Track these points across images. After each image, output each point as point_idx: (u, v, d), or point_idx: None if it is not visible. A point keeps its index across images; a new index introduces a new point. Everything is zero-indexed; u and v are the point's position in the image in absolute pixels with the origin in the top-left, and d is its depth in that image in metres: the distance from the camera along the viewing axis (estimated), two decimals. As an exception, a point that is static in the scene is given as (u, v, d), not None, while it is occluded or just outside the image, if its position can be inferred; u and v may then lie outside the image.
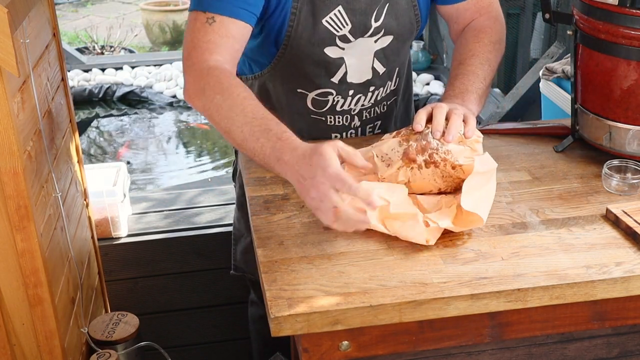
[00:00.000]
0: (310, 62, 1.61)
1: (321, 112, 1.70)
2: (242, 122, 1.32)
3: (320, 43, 1.58)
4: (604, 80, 1.51)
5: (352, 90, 1.67)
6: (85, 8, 9.60)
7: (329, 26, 1.57)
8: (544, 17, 1.57)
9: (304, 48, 1.58)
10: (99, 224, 2.17)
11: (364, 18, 1.58)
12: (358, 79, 1.66)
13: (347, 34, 1.58)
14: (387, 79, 1.72)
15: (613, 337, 1.37)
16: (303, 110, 1.69)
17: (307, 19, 1.55)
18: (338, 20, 1.56)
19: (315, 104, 1.68)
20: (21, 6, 1.35)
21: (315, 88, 1.66)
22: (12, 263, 1.42)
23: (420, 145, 1.34)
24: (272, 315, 1.11)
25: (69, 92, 1.87)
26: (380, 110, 1.75)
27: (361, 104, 1.70)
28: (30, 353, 1.51)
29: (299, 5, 1.53)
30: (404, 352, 1.25)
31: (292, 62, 1.61)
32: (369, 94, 1.70)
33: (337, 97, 1.68)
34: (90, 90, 5.97)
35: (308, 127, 1.68)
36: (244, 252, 1.85)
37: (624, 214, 1.32)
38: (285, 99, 1.68)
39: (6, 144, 1.33)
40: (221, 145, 5.50)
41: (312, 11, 1.54)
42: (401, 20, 1.62)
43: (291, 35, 1.56)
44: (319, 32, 1.56)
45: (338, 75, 1.64)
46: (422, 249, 1.27)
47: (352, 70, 1.64)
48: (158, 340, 1.87)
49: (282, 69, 1.64)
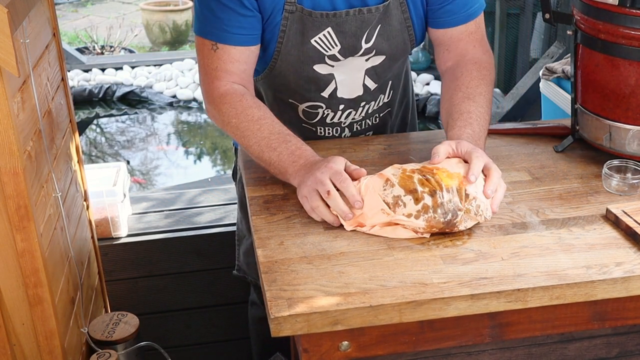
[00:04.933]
0: (300, 77, 1.60)
1: (312, 122, 1.69)
2: (260, 138, 1.44)
3: (309, 61, 1.56)
4: (604, 80, 1.51)
5: (342, 105, 1.66)
6: (85, 8, 9.60)
7: (317, 46, 1.54)
8: (544, 17, 1.57)
9: (293, 64, 1.57)
10: (99, 224, 2.17)
11: (354, 40, 1.55)
12: (348, 95, 1.64)
13: (337, 53, 1.56)
14: (380, 93, 1.69)
15: (613, 337, 1.37)
16: (294, 119, 1.69)
17: (295, 37, 1.53)
18: (327, 40, 1.54)
19: (306, 114, 1.68)
20: (21, 6, 1.35)
21: (305, 101, 1.65)
22: (12, 263, 1.42)
23: (444, 219, 1.28)
24: (272, 316, 1.11)
25: (69, 92, 1.87)
26: (372, 122, 1.73)
27: (352, 118, 1.69)
28: (30, 353, 1.51)
29: (289, 23, 1.51)
30: (404, 352, 1.25)
31: (283, 75, 1.60)
32: (360, 109, 1.68)
33: (327, 111, 1.66)
34: (90, 90, 5.98)
35: (299, 134, 1.67)
36: (246, 254, 1.85)
37: (624, 214, 1.32)
38: (277, 107, 1.67)
39: (6, 144, 1.33)
40: (221, 145, 5.50)
41: (302, 30, 1.52)
42: (393, 41, 1.58)
43: (280, 51, 1.55)
44: (308, 51, 1.55)
45: (328, 90, 1.63)
46: (422, 249, 1.27)
47: (342, 86, 1.62)
48: (158, 340, 1.87)
49: (273, 80, 1.63)
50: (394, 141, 1.69)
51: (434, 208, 1.27)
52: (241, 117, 1.47)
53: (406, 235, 1.29)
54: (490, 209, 1.32)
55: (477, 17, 1.60)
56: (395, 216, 1.28)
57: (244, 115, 1.47)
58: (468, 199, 1.29)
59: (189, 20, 7.93)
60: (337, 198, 1.29)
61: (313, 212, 1.34)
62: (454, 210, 1.27)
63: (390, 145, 1.66)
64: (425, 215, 1.27)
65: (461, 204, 1.28)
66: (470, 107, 1.48)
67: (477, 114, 1.47)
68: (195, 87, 6.01)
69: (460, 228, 1.29)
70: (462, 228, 1.30)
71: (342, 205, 1.29)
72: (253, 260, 1.83)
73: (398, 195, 1.28)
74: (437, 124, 5.20)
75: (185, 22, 7.93)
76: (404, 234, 1.29)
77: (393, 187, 1.29)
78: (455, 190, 1.28)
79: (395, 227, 1.30)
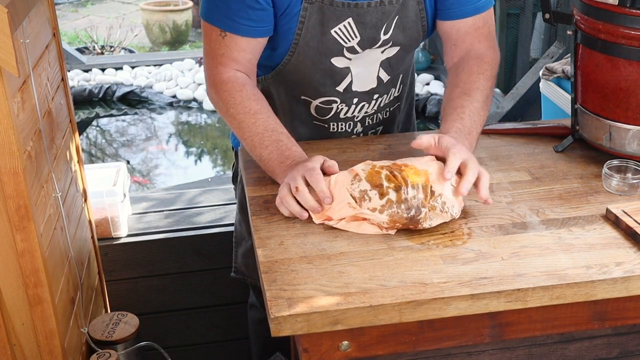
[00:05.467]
0: (316, 71, 1.60)
1: (324, 119, 1.69)
2: (253, 133, 1.47)
3: (328, 53, 1.57)
4: (604, 80, 1.51)
5: (356, 99, 1.66)
6: (85, 8, 9.61)
7: (337, 37, 1.54)
8: (544, 17, 1.57)
9: (311, 57, 1.57)
10: (99, 224, 2.17)
11: (373, 32, 1.55)
12: (363, 88, 1.65)
13: (356, 45, 1.56)
14: (391, 86, 1.70)
15: (613, 337, 1.37)
16: (306, 116, 1.69)
17: (315, 27, 1.52)
18: (347, 31, 1.54)
19: (318, 111, 1.68)
20: (21, 6, 1.35)
21: (319, 96, 1.65)
22: (12, 263, 1.42)
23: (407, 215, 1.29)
24: (272, 315, 1.11)
25: (69, 92, 1.87)
26: (382, 116, 1.74)
27: (364, 111, 1.70)
28: (30, 353, 1.51)
29: (308, 13, 1.50)
30: (404, 352, 1.25)
31: (298, 70, 1.60)
32: (373, 102, 1.69)
33: (341, 105, 1.67)
34: (90, 90, 5.98)
35: (310, 133, 1.68)
36: (245, 255, 1.85)
37: (624, 214, 1.32)
38: (288, 105, 1.67)
39: (6, 144, 1.33)
40: (221, 146, 5.50)
41: (321, 20, 1.52)
42: (409, 31, 1.60)
43: (299, 42, 1.54)
44: (327, 42, 1.54)
45: (343, 84, 1.63)
46: (422, 249, 1.27)
47: (357, 79, 1.63)
48: (158, 340, 1.87)
49: (286, 76, 1.63)
50: (394, 141, 1.69)
51: (398, 203, 1.29)
52: (239, 108, 1.50)
53: (371, 231, 1.31)
54: (457, 206, 1.33)
55: (485, 11, 1.61)
56: (360, 210, 1.30)
57: (241, 106, 1.50)
58: (433, 196, 1.30)
59: (189, 20, 7.93)
60: (305, 194, 1.32)
61: (281, 205, 1.36)
62: (418, 206, 1.29)
63: (390, 145, 1.66)
64: (389, 210, 1.29)
65: (425, 201, 1.29)
66: (464, 102, 1.50)
67: (471, 109, 1.49)
68: (195, 87, 6.01)
69: (425, 225, 1.30)
70: (427, 225, 1.31)
71: (310, 201, 1.32)
72: (252, 262, 1.83)
73: (364, 190, 1.30)
74: (437, 124, 5.20)
75: (185, 22, 7.94)
76: (369, 229, 1.31)
77: (360, 181, 1.31)
78: (421, 187, 1.30)
79: (361, 223, 1.31)
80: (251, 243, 1.82)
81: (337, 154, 1.61)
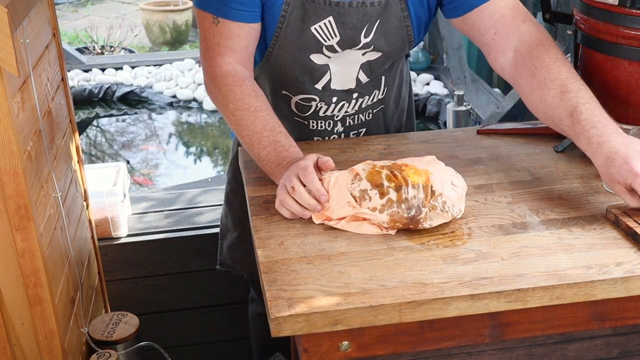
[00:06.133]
0: (295, 66, 1.60)
1: (304, 116, 1.69)
2: (252, 132, 1.46)
3: (307, 49, 1.57)
4: (604, 80, 1.51)
5: (335, 97, 1.66)
6: (85, 8, 9.60)
7: (317, 34, 1.54)
8: (544, 17, 1.57)
9: (290, 51, 1.57)
10: (99, 224, 2.17)
11: (354, 33, 1.55)
12: (341, 86, 1.65)
13: (335, 45, 1.56)
14: (374, 88, 1.69)
15: (613, 337, 1.37)
16: (287, 112, 1.69)
17: (296, 22, 1.53)
18: (327, 30, 1.54)
19: (298, 107, 1.68)
20: (21, 6, 1.35)
21: (299, 93, 1.65)
22: (12, 263, 1.42)
23: (407, 215, 1.29)
24: (272, 316, 1.11)
25: (69, 92, 1.87)
26: (364, 117, 1.73)
27: (345, 111, 1.69)
28: (30, 353, 1.51)
29: (290, 7, 1.51)
30: (404, 352, 1.25)
31: (279, 64, 1.61)
32: (353, 102, 1.68)
33: (320, 103, 1.67)
34: (90, 90, 5.97)
35: (292, 128, 1.67)
36: (230, 248, 1.86)
37: (624, 214, 1.32)
38: (271, 99, 1.67)
39: (6, 144, 1.33)
40: (221, 145, 5.50)
41: (302, 16, 1.52)
42: (391, 38, 1.58)
43: (279, 36, 1.55)
44: (306, 39, 1.55)
45: (322, 82, 1.63)
46: (422, 249, 1.27)
47: (336, 77, 1.63)
48: (158, 340, 1.87)
49: (269, 69, 1.64)
50: (394, 141, 1.69)
51: (398, 203, 1.28)
52: (239, 104, 1.48)
53: (371, 231, 1.31)
54: (458, 205, 1.33)
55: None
56: (360, 209, 1.30)
57: (241, 102, 1.48)
58: (434, 195, 1.30)
59: (189, 20, 7.93)
60: (302, 192, 1.32)
61: (282, 207, 1.36)
62: (418, 206, 1.29)
63: (390, 145, 1.66)
64: (389, 210, 1.29)
65: (426, 201, 1.29)
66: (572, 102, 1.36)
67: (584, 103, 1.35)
68: (195, 87, 6.00)
69: (425, 225, 1.30)
70: (427, 225, 1.30)
71: (308, 199, 1.32)
72: (238, 254, 1.84)
73: (365, 189, 1.30)
74: (437, 124, 5.19)
75: (185, 22, 7.93)
76: (369, 229, 1.31)
77: (361, 181, 1.31)
78: (422, 187, 1.30)
79: (361, 223, 1.31)
80: (237, 235, 1.83)
81: (337, 154, 1.62)
